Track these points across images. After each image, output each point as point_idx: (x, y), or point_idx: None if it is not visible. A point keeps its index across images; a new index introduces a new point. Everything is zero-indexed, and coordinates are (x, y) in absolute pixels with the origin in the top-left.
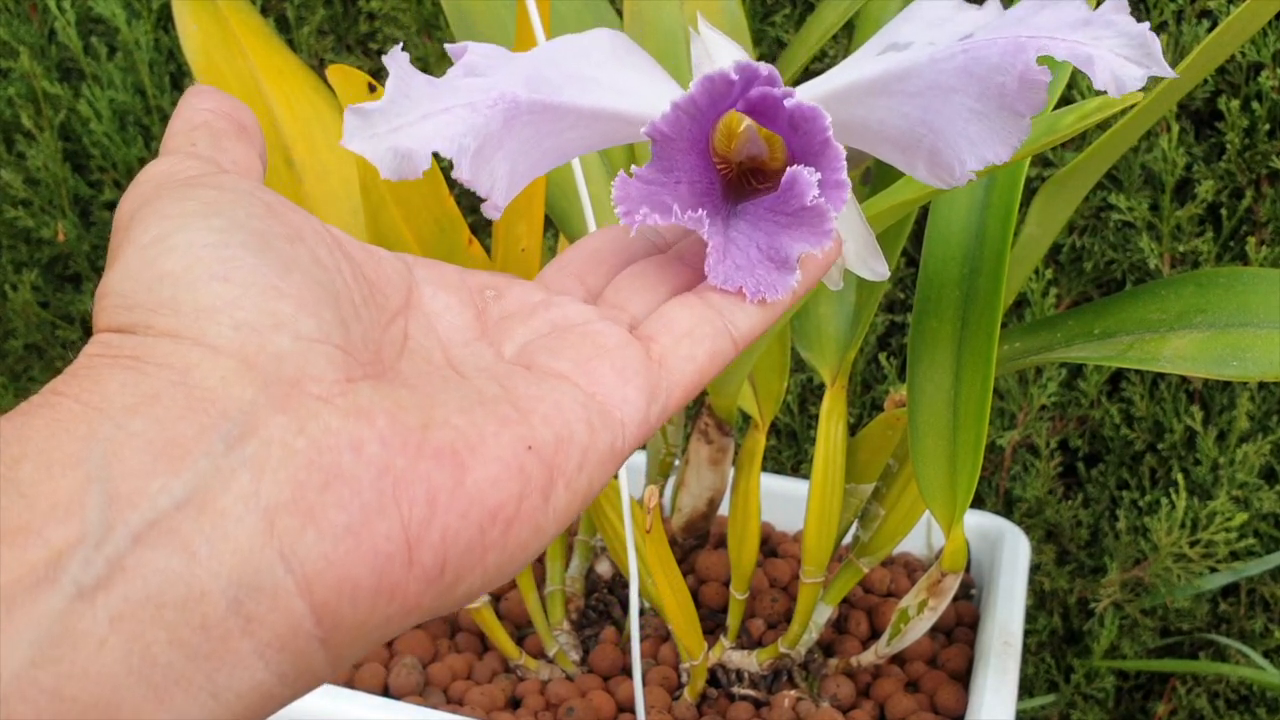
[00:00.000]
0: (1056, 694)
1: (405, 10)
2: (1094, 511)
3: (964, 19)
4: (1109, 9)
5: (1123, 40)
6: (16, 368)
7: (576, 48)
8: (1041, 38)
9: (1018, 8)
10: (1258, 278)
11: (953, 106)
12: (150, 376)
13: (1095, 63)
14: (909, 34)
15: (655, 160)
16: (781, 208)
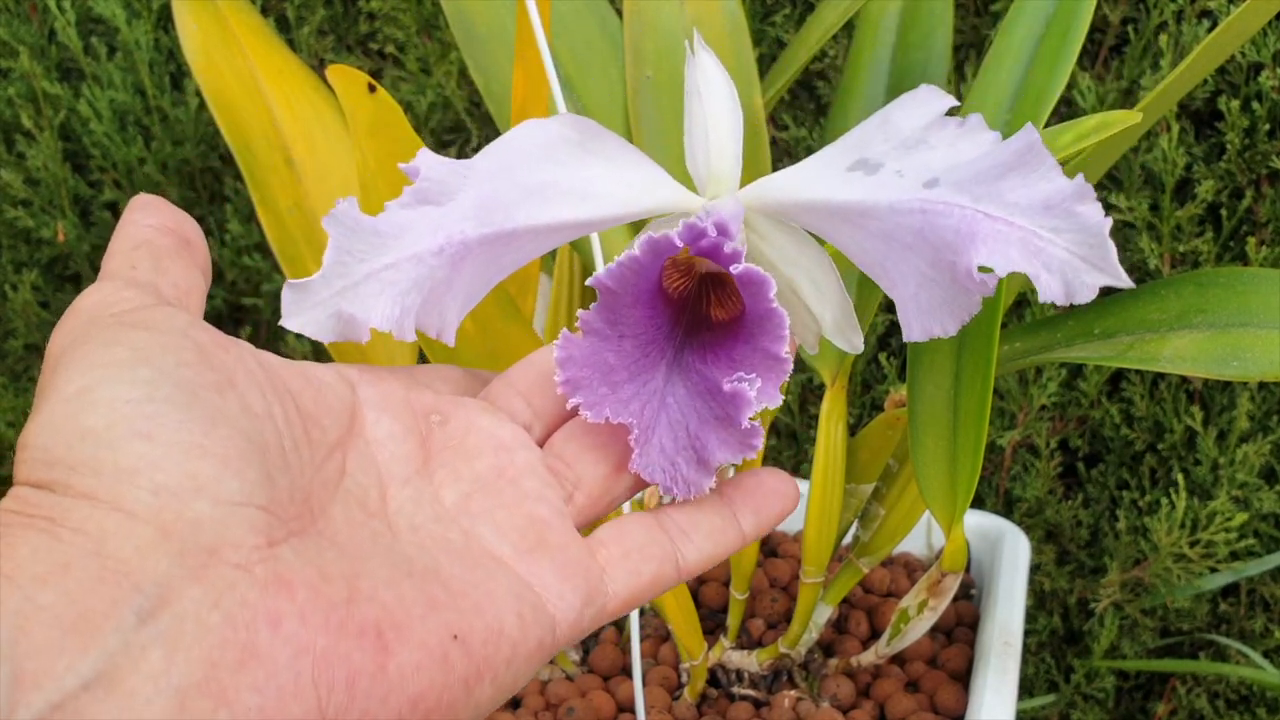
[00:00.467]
0: (1056, 694)
1: (405, 10)
2: (1094, 511)
3: (935, 149)
4: (1073, 196)
5: (1081, 238)
6: (16, 368)
7: (538, 146)
8: (998, 220)
9: (988, 154)
10: (1258, 278)
11: (908, 264)
12: (64, 543)
13: (1045, 270)
14: (880, 150)
15: (599, 308)
16: (715, 392)
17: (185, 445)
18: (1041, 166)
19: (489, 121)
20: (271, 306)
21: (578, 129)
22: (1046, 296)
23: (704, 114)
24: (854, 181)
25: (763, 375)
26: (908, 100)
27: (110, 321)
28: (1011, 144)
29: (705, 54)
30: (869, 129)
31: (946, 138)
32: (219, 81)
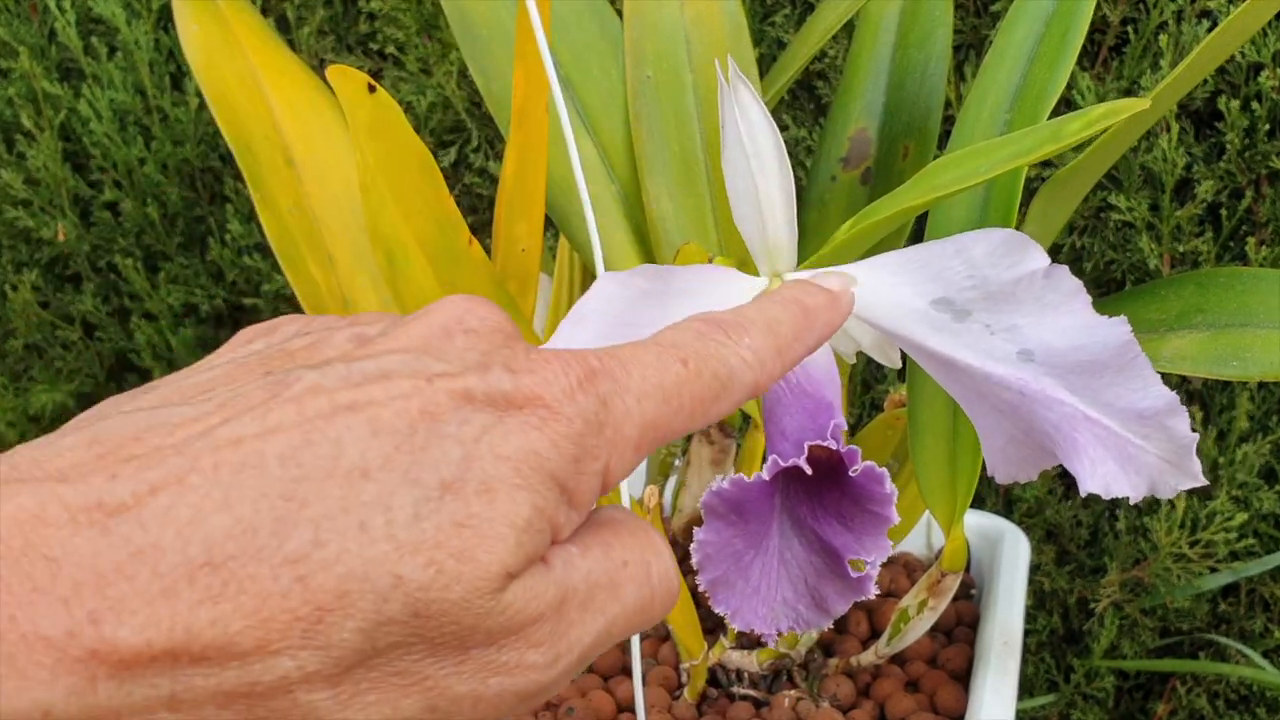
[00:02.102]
0: (1056, 694)
1: (405, 10)
2: (1094, 511)
3: (1022, 304)
4: (1166, 410)
5: (1170, 448)
6: (16, 368)
7: (624, 311)
8: (1096, 423)
9: (1085, 344)
10: (1258, 278)
11: (999, 425)
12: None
13: (1135, 474)
14: (965, 291)
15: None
16: (829, 551)
17: None
18: (1140, 372)
19: (489, 121)
20: (271, 306)
21: (654, 279)
22: (1130, 495)
23: (750, 171)
24: (943, 327)
25: (872, 533)
26: (988, 238)
27: None
28: (1109, 339)
29: (744, 89)
30: (945, 255)
31: (1034, 293)
32: (219, 81)
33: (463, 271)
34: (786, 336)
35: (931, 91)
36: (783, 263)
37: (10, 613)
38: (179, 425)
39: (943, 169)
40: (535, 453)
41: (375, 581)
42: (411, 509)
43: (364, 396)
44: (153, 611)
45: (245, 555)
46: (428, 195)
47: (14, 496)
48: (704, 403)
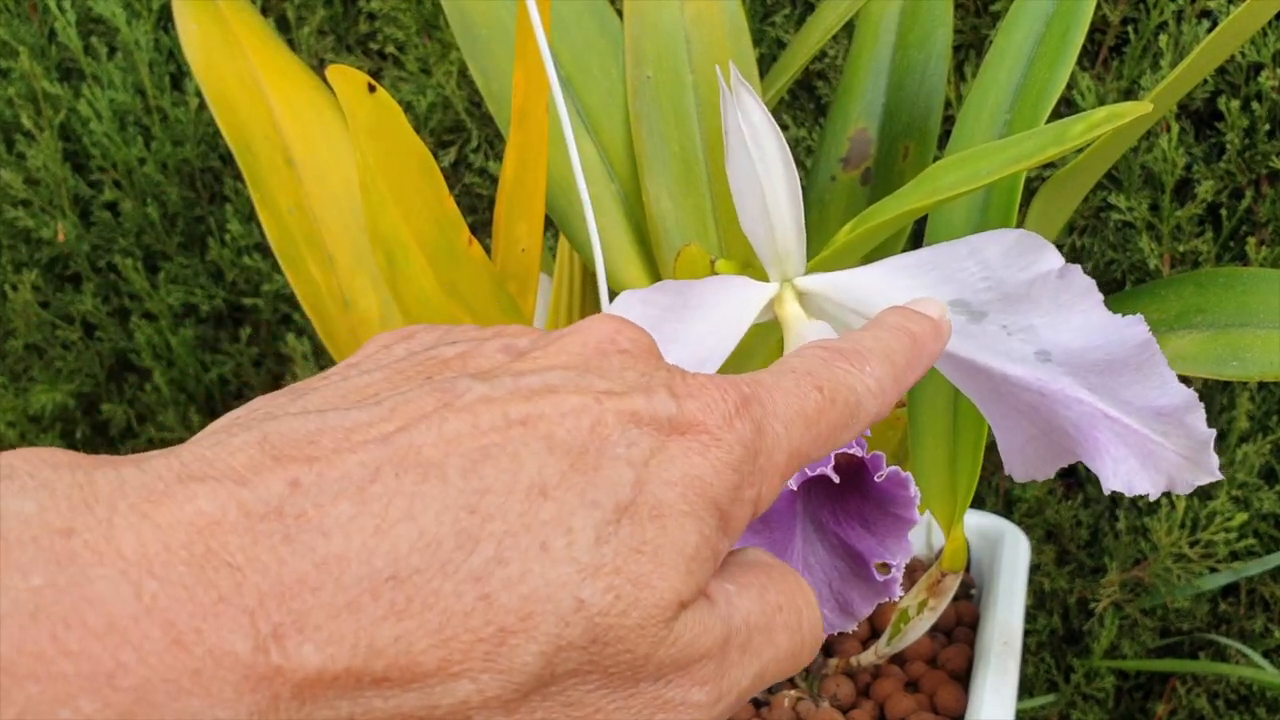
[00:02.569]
0: (1056, 694)
1: (405, 10)
2: (1094, 511)
3: (1038, 304)
4: (1184, 408)
5: (1188, 444)
6: (16, 368)
7: (648, 328)
8: (1115, 421)
9: (1101, 343)
10: (1258, 278)
11: (1018, 424)
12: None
13: (1155, 471)
14: (980, 293)
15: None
16: (854, 555)
17: None
18: (1157, 370)
19: (489, 121)
20: (272, 306)
21: (672, 294)
22: (1150, 491)
23: (756, 176)
24: (959, 329)
25: (895, 535)
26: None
27: None
28: (1126, 338)
29: (746, 94)
30: (959, 257)
31: (1049, 292)
32: (219, 81)
33: (463, 271)
34: (901, 365)
35: (931, 91)
36: (792, 266)
37: (196, 624)
38: (353, 429)
39: (944, 171)
40: (700, 479)
41: (558, 604)
42: (592, 531)
43: (535, 410)
44: (336, 627)
45: (430, 569)
46: (428, 195)
47: (191, 498)
48: (836, 430)
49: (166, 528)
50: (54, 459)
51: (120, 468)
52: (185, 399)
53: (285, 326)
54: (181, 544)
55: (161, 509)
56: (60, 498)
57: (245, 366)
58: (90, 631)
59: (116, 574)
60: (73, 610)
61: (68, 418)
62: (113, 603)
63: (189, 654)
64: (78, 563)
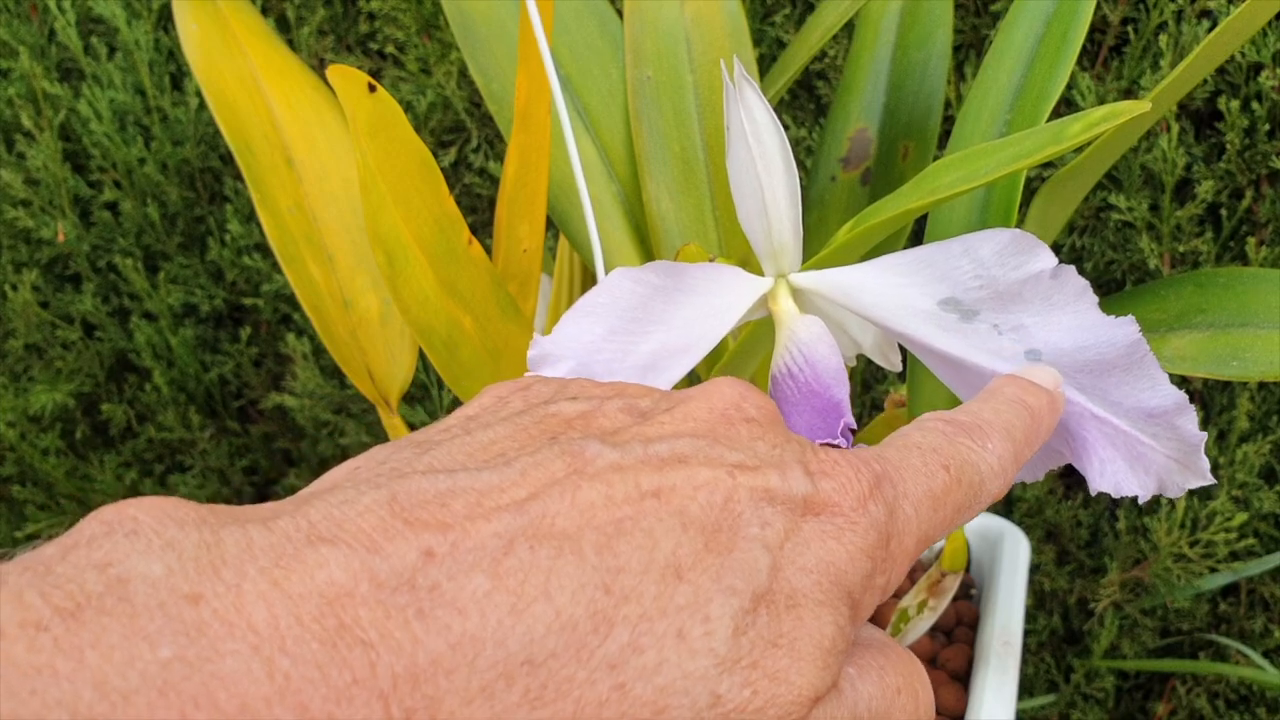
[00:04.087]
0: (1056, 694)
1: (405, 10)
2: (1094, 511)
3: (1030, 304)
4: (1174, 410)
5: (1179, 446)
6: (16, 368)
7: (637, 306)
8: (1105, 422)
9: (1092, 343)
10: (1258, 278)
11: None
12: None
13: (1144, 473)
14: (972, 291)
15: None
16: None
17: None
18: (1148, 372)
19: (489, 121)
20: (271, 306)
21: (665, 275)
22: (1139, 494)
23: (756, 171)
24: (950, 327)
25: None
26: (996, 238)
27: None
28: (1117, 338)
29: (750, 90)
30: (952, 255)
31: (1042, 292)
32: (219, 81)
33: (463, 272)
34: (1020, 442)
35: (931, 91)
36: (787, 263)
37: (329, 709)
38: (485, 494)
39: (944, 170)
40: (835, 565)
41: (695, 698)
42: (730, 621)
43: (667, 483)
44: (470, 714)
45: (566, 654)
46: (428, 195)
47: (323, 565)
48: (960, 511)
49: (298, 598)
50: (179, 514)
51: (247, 526)
52: (185, 399)
53: (285, 326)
54: (313, 617)
55: (292, 576)
56: (188, 560)
57: (245, 366)
58: (221, 714)
59: (248, 649)
60: (203, 689)
61: (68, 418)
62: (245, 682)
63: None
64: (207, 635)
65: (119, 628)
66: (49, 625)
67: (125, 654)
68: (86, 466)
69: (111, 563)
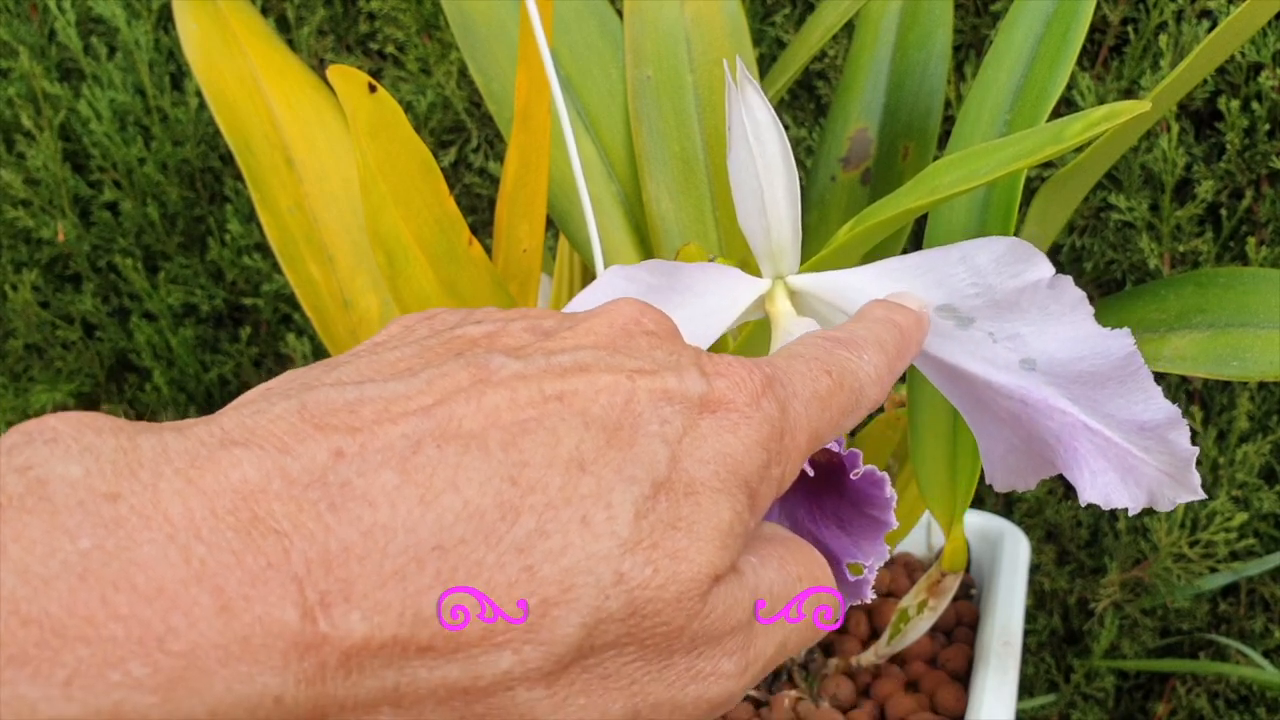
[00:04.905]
0: (1056, 694)
1: (405, 10)
2: (1094, 512)
3: (1027, 313)
4: (1166, 423)
5: (1170, 460)
6: (16, 368)
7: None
8: (1096, 434)
9: (1086, 355)
10: (1258, 278)
11: (1000, 432)
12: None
13: (1135, 486)
14: (969, 299)
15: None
16: (828, 556)
17: None
18: (1142, 385)
19: (489, 121)
20: (271, 306)
21: (660, 274)
22: (1129, 506)
23: (756, 171)
24: (946, 334)
25: (870, 537)
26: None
27: None
28: (1111, 350)
29: (751, 90)
30: (949, 262)
31: (1038, 302)
32: (219, 81)
33: (463, 271)
34: (892, 353)
35: (931, 91)
36: (786, 264)
37: (245, 591)
38: (393, 401)
39: (943, 170)
40: (731, 456)
41: (599, 576)
42: (631, 507)
43: (569, 387)
44: (383, 596)
45: (475, 540)
46: (428, 195)
47: (236, 465)
48: (845, 413)
49: (212, 493)
50: (96, 423)
51: (162, 433)
52: (185, 399)
53: (285, 326)
54: (227, 510)
55: (206, 474)
56: (105, 462)
57: (245, 366)
58: (140, 595)
59: (164, 538)
60: (122, 574)
61: None
62: (161, 567)
63: (238, 620)
64: (125, 527)
65: (39, 523)
66: None
67: (46, 546)
68: None
69: (31, 466)
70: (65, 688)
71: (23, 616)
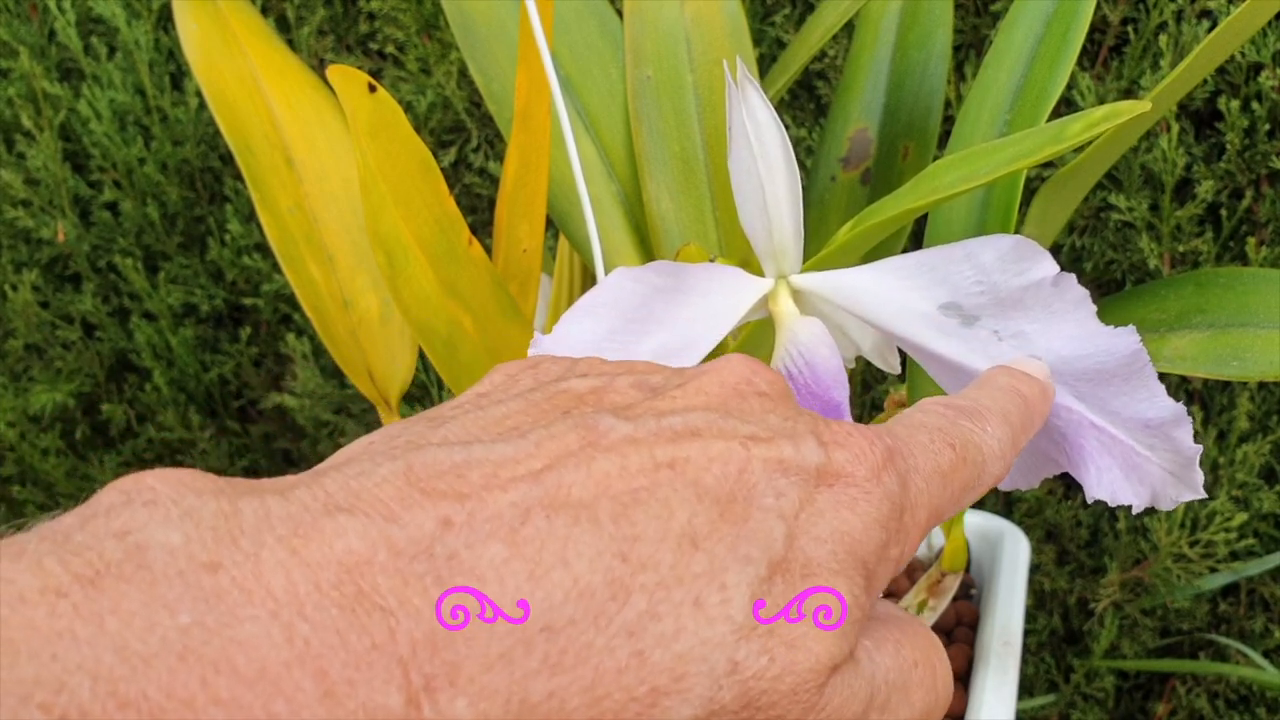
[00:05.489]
0: (1056, 694)
1: (405, 10)
2: (1094, 511)
3: (1031, 311)
4: (1171, 421)
5: (1174, 458)
6: (16, 368)
7: (638, 305)
8: (1103, 431)
9: (1091, 352)
10: (1258, 278)
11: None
12: None
13: (1139, 483)
14: (974, 297)
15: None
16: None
17: None
18: (1146, 383)
19: (489, 121)
20: (271, 306)
21: (666, 275)
22: (1134, 503)
23: (757, 171)
24: (950, 332)
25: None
26: (998, 245)
27: None
28: (1116, 348)
29: (752, 90)
30: (953, 260)
31: (1042, 300)
32: (219, 81)
33: (463, 272)
34: (1017, 427)
35: (931, 91)
36: (788, 263)
37: (349, 675)
38: (501, 465)
39: (944, 170)
40: (849, 535)
41: (713, 665)
42: (747, 589)
43: (681, 454)
44: (489, 681)
45: (584, 621)
46: (428, 195)
47: (341, 534)
48: (966, 490)
49: (316, 565)
50: (196, 484)
51: (264, 497)
52: (185, 399)
53: (285, 326)
54: (332, 584)
55: (310, 544)
56: (205, 529)
57: (245, 366)
58: (241, 679)
59: (267, 615)
60: (222, 654)
61: (68, 418)
62: (264, 647)
63: (341, 708)
64: (226, 601)
65: (138, 594)
66: (69, 591)
67: (145, 620)
68: (86, 466)
69: (130, 531)
70: None
71: (120, 699)
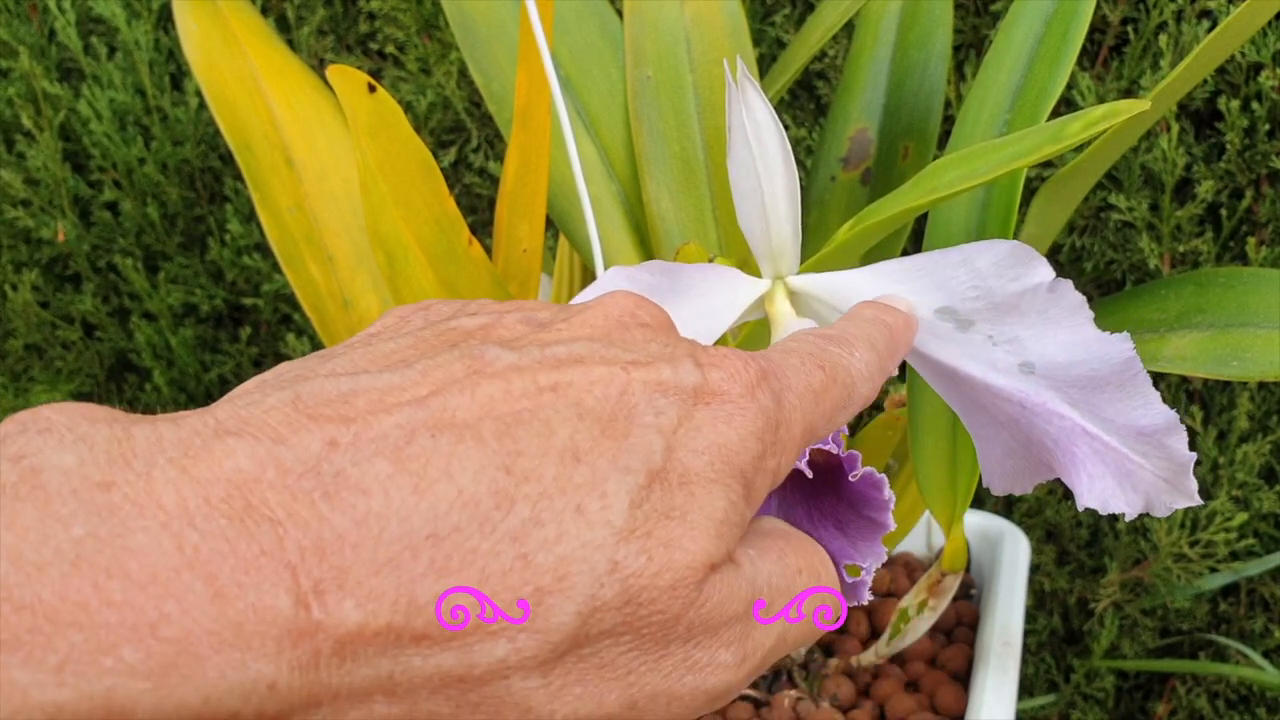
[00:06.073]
0: (1056, 694)
1: (405, 10)
2: (1094, 512)
3: (1026, 317)
4: (1165, 429)
5: (1167, 466)
6: (16, 368)
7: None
8: (1095, 439)
9: (1085, 359)
10: (1258, 278)
11: (998, 435)
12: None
13: (1132, 491)
14: (969, 301)
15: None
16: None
17: None
18: (1140, 390)
19: (489, 121)
20: (271, 306)
21: (660, 274)
22: (1126, 511)
23: (756, 172)
24: (945, 336)
25: (868, 539)
26: (994, 250)
27: None
28: (1110, 355)
29: (752, 90)
30: (949, 265)
31: (1038, 305)
32: (219, 81)
33: (463, 271)
34: (883, 352)
35: (931, 91)
36: (786, 264)
37: (238, 578)
38: (387, 392)
39: (943, 169)
40: (725, 447)
41: (594, 565)
42: (626, 496)
43: (564, 379)
44: (377, 584)
45: (469, 528)
46: (428, 195)
47: (230, 454)
48: (838, 408)
49: (205, 482)
50: (91, 413)
51: (156, 424)
52: (185, 399)
53: (285, 326)
54: (221, 498)
55: (200, 464)
56: (99, 451)
57: (245, 366)
58: (133, 581)
59: (158, 526)
60: (115, 560)
61: None
62: (155, 554)
63: (231, 607)
64: (118, 515)
65: (33, 511)
66: None
67: (39, 533)
68: None
69: (25, 455)
70: (58, 673)
71: (15, 602)
